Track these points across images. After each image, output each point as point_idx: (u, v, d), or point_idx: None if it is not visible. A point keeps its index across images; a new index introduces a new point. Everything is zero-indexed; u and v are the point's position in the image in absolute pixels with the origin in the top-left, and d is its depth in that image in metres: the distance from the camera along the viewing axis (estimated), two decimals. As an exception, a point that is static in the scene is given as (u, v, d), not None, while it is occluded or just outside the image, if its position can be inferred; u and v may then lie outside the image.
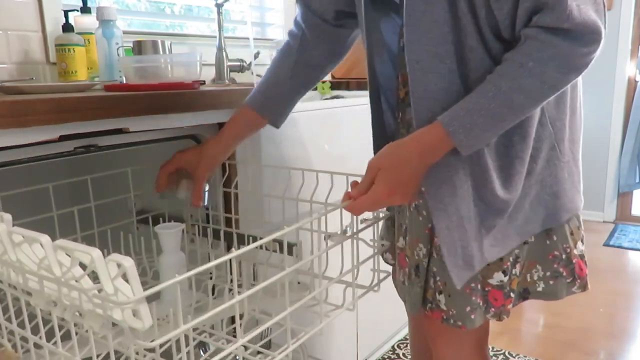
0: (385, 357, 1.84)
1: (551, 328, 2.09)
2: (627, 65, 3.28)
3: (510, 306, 0.88)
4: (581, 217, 0.92)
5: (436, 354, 0.97)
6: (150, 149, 1.10)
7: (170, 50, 1.20)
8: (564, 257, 0.88)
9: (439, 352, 0.97)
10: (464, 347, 0.95)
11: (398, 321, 1.91)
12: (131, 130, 0.94)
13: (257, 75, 2.01)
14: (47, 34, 1.36)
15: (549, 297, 0.90)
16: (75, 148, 0.91)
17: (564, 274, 0.89)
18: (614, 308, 2.25)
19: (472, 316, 0.87)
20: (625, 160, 3.34)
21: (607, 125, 3.38)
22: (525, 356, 1.87)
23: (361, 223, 0.89)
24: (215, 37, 1.78)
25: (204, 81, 1.75)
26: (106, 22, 1.30)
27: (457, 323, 0.87)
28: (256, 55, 1.86)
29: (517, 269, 0.87)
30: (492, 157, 0.81)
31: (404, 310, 1.04)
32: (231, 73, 1.82)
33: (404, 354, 1.85)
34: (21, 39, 1.32)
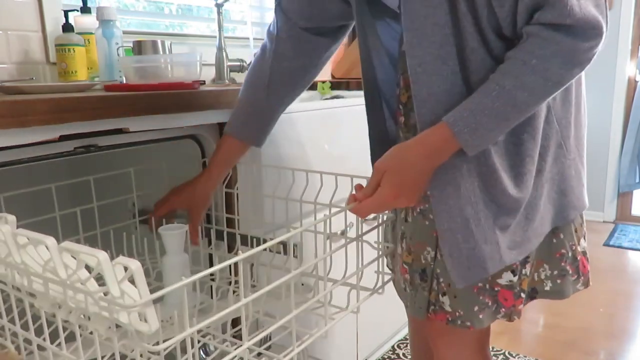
0: (385, 357, 1.84)
1: (551, 328, 2.09)
2: (627, 65, 3.28)
3: (521, 307, 0.87)
4: (584, 214, 0.92)
5: (437, 355, 0.97)
6: (150, 148, 1.10)
7: (170, 50, 1.20)
8: (570, 255, 0.88)
9: (440, 353, 0.96)
10: (466, 348, 0.94)
11: (398, 321, 1.91)
12: (131, 130, 0.94)
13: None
14: (47, 34, 1.36)
15: (557, 296, 0.89)
16: (75, 148, 0.91)
17: (570, 271, 0.89)
18: (614, 308, 2.25)
19: (480, 316, 0.86)
20: (625, 160, 3.34)
21: (607, 125, 3.38)
22: (525, 356, 1.87)
23: (366, 225, 0.89)
24: (215, 37, 1.78)
25: (204, 81, 1.75)
26: (106, 22, 1.30)
27: (466, 323, 0.87)
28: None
29: (527, 269, 0.87)
30: (502, 157, 0.80)
31: (404, 310, 1.04)
32: (231, 73, 1.82)
33: (404, 354, 1.85)
34: (21, 39, 1.32)
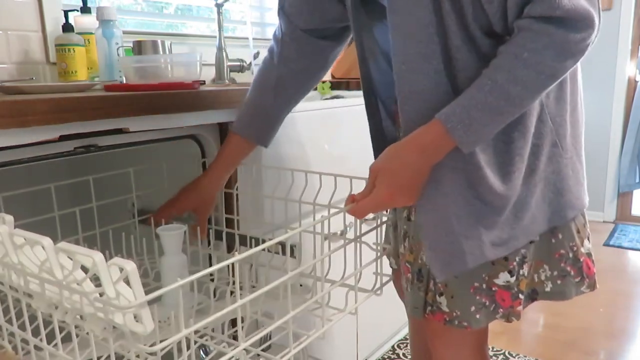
0: (385, 357, 1.84)
1: (551, 328, 2.09)
2: (627, 65, 3.28)
3: (519, 308, 0.87)
4: (587, 215, 0.91)
5: (436, 356, 0.97)
6: (150, 148, 1.10)
7: (170, 50, 1.20)
8: (570, 255, 0.88)
9: (439, 353, 0.96)
10: (464, 348, 0.94)
11: (398, 321, 1.91)
12: (131, 130, 0.94)
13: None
14: (47, 34, 1.36)
15: (558, 297, 0.89)
16: (75, 148, 0.91)
17: (572, 273, 0.88)
18: (614, 308, 2.25)
19: (477, 316, 0.86)
20: (625, 160, 3.34)
21: (607, 125, 3.38)
22: (525, 356, 1.87)
23: (366, 225, 0.89)
24: (215, 37, 1.78)
25: (204, 81, 1.75)
26: (106, 22, 1.30)
27: (463, 324, 0.87)
28: (256, 55, 1.86)
29: (525, 270, 0.86)
30: (489, 155, 0.80)
31: (404, 310, 1.04)
32: (231, 73, 1.82)
33: (404, 354, 1.85)
34: (21, 39, 1.32)
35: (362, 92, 0.96)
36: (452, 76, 0.77)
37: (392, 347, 1.89)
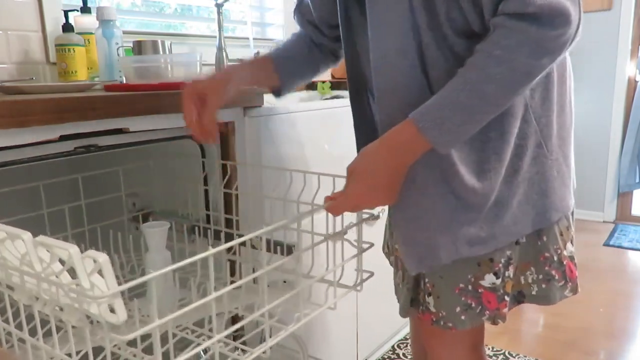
0: (385, 357, 1.84)
1: (551, 328, 2.09)
2: (627, 65, 3.28)
3: (505, 310, 0.86)
4: (572, 218, 0.90)
5: (431, 355, 0.97)
6: (150, 148, 1.10)
7: (170, 50, 1.20)
8: (555, 259, 0.87)
9: (434, 353, 0.96)
10: (459, 348, 0.94)
11: (398, 321, 1.91)
12: (131, 130, 0.94)
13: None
14: (47, 34, 1.36)
15: (543, 301, 0.88)
16: (76, 148, 0.91)
17: (556, 277, 0.87)
18: (614, 308, 2.25)
19: (462, 317, 0.86)
20: (625, 160, 3.34)
21: (607, 125, 3.38)
22: (525, 356, 1.87)
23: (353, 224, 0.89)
24: (215, 37, 1.78)
25: (204, 81, 1.75)
26: (106, 22, 1.30)
27: (448, 324, 0.87)
28: (256, 55, 1.86)
29: (511, 271, 0.85)
30: (465, 152, 0.79)
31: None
32: (231, 73, 1.82)
33: (404, 354, 1.85)
34: (21, 39, 1.32)
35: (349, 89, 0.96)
36: (426, 73, 0.77)
37: (392, 347, 1.89)
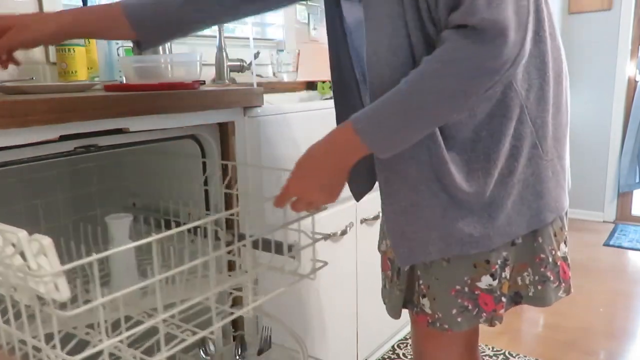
0: (385, 357, 1.84)
1: (551, 328, 2.09)
2: (627, 65, 3.28)
3: (502, 311, 0.86)
4: (565, 218, 0.89)
5: (426, 357, 0.97)
6: (150, 148, 1.10)
7: (170, 50, 1.20)
8: (550, 260, 0.86)
9: (429, 354, 0.96)
10: (453, 349, 0.94)
11: (398, 321, 1.91)
12: (131, 130, 0.94)
13: (257, 75, 2.01)
14: (47, 33, 1.36)
15: (539, 302, 0.88)
16: (76, 148, 0.91)
17: (551, 278, 0.87)
18: (614, 308, 2.25)
19: (458, 319, 0.86)
20: (625, 160, 3.34)
21: (607, 125, 3.38)
22: (525, 356, 1.87)
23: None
24: (215, 37, 1.78)
25: (204, 81, 1.75)
26: (106, 22, 1.30)
27: (444, 326, 0.86)
28: (256, 55, 1.86)
29: (507, 272, 0.85)
30: (455, 151, 0.79)
31: (404, 310, 1.04)
32: (231, 73, 1.82)
33: (404, 354, 1.85)
34: (21, 39, 1.32)
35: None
36: None
37: (392, 347, 1.90)
